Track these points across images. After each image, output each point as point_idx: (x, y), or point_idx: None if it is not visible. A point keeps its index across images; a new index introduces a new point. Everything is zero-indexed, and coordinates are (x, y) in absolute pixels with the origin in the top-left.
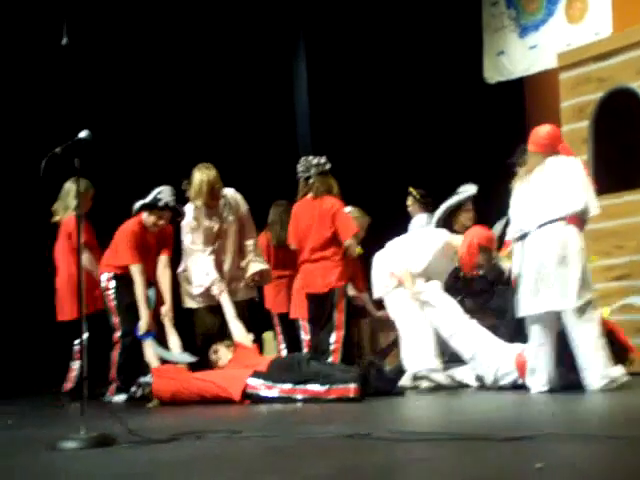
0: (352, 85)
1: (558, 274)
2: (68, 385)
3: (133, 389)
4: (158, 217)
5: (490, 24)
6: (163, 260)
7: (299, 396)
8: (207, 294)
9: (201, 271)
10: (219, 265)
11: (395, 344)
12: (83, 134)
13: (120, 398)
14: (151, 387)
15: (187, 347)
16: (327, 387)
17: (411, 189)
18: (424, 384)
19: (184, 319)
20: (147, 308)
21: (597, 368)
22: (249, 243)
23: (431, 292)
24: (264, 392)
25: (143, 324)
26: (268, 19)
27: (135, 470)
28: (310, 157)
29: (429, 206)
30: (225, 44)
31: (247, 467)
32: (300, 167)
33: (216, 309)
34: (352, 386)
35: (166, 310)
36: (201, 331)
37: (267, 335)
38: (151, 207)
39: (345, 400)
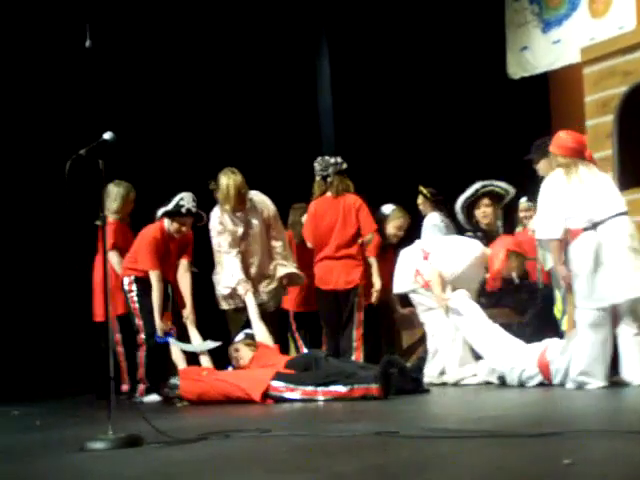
0: (375, 83)
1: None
2: (125, 387)
3: (165, 390)
4: (181, 224)
5: (513, 20)
6: (183, 264)
7: (321, 397)
8: (237, 295)
9: (227, 273)
10: (246, 267)
11: (420, 342)
12: (107, 136)
13: (152, 398)
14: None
15: (223, 350)
16: (349, 387)
17: (421, 188)
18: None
19: (219, 321)
20: (159, 315)
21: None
22: (277, 245)
23: (458, 299)
24: (287, 394)
25: (158, 329)
26: (291, 17)
27: (163, 470)
28: (327, 157)
29: (440, 204)
30: (248, 43)
31: (276, 466)
32: (318, 166)
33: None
34: (374, 386)
35: (187, 313)
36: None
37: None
38: (174, 214)
39: (368, 399)
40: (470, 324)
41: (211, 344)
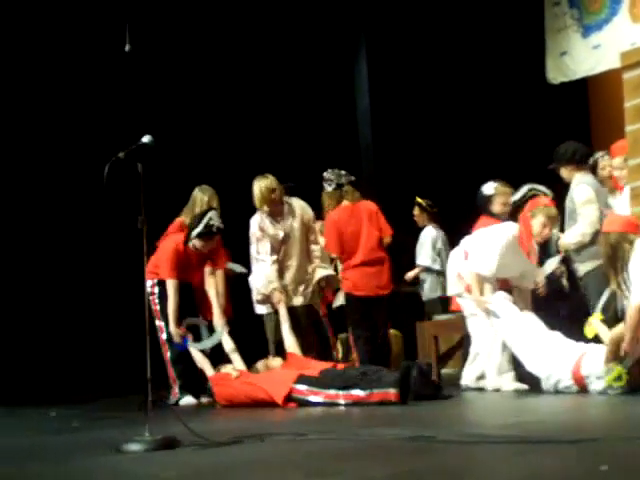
0: (414, 86)
1: None
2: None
3: (204, 399)
4: (211, 242)
5: (553, 25)
6: (207, 271)
7: (342, 401)
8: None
9: (263, 279)
10: (285, 270)
11: (458, 348)
12: (146, 139)
13: (186, 401)
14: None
15: (259, 354)
16: (369, 392)
17: (418, 199)
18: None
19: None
20: (175, 322)
21: None
22: (315, 248)
23: (497, 302)
24: (310, 397)
25: (174, 336)
26: (330, 20)
27: (199, 472)
28: (334, 169)
29: (436, 216)
30: (287, 47)
31: (311, 469)
32: (331, 177)
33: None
34: (392, 391)
35: (216, 318)
36: (274, 338)
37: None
38: (205, 234)
39: (386, 404)
40: (508, 327)
41: (219, 334)
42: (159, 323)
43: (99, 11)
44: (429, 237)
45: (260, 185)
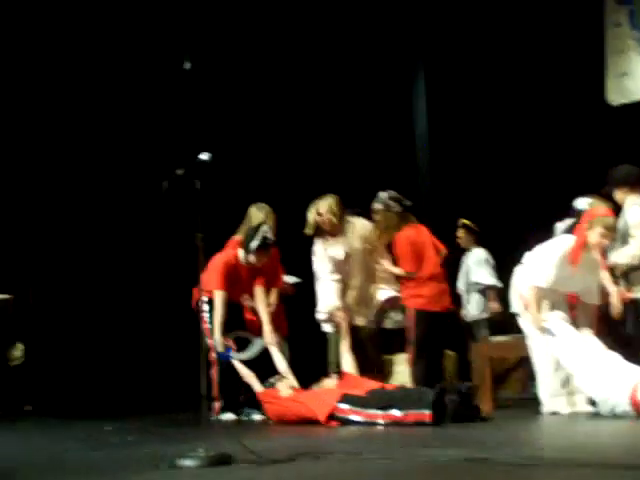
0: (471, 108)
1: None
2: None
3: (257, 416)
4: (265, 255)
5: (614, 46)
6: (258, 291)
7: (381, 421)
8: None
9: (325, 298)
10: (347, 291)
11: (515, 369)
12: (204, 156)
13: (227, 417)
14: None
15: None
16: (405, 412)
17: (465, 221)
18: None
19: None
20: (220, 332)
21: None
22: (379, 268)
23: (553, 320)
24: (351, 416)
25: (218, 344)
26: (388, 43)
27: None
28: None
29: (480, 239)
30: (345, 69)
31: None
32: (399, 197)
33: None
34: (426, 412)
35: (267, 335)
36: (336, 358)
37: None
38: (263, 247)
39: (421, 425)
40: (564, 347)
41: (259, 345)
42: (210, 341)
43: (159, 29)
44: (482, 257)
45: (319, 206)
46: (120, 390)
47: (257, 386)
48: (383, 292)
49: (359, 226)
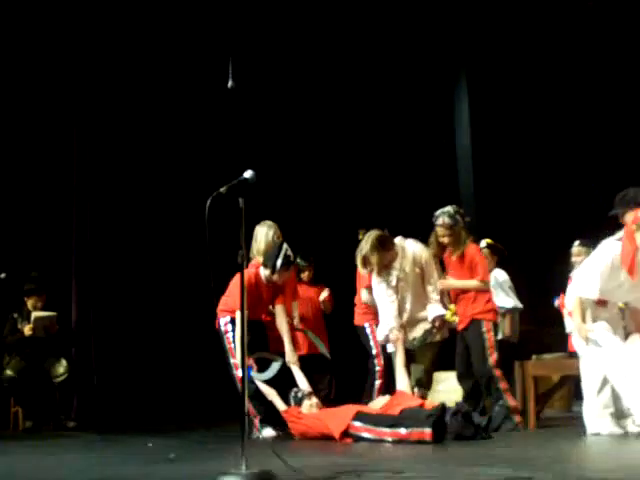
0: (515, 125)
1: None
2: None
3: (268, 434)
4: (288, 272)
5: None
6: (279, 310)
7: (389, 438)
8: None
9: (383, 320)
10: (400, 313)
11: (558, 388)
12: (248, 174)
13: (267, 433)
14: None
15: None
16: (410, 430)
17: (488, 240)
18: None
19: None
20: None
21: None
22: (429, 289)
23: (598, 331)
24: (363, 434)
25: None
26: (430, 57)
27: None
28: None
29: (504, 259)
30: (387, 84)
31: None
32: (459, 214)
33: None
34: (427, 430)
35: (289, 355)
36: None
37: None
38: (286, 265)
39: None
40: (609, 359)
41: (277, 365)
42: (234, 361)
43: (202, 47)
44: (500, 280)
45: (365, 254)
46: (162, 406)
47: (280, 404)
48: (433, 310)
49: (409, 249)
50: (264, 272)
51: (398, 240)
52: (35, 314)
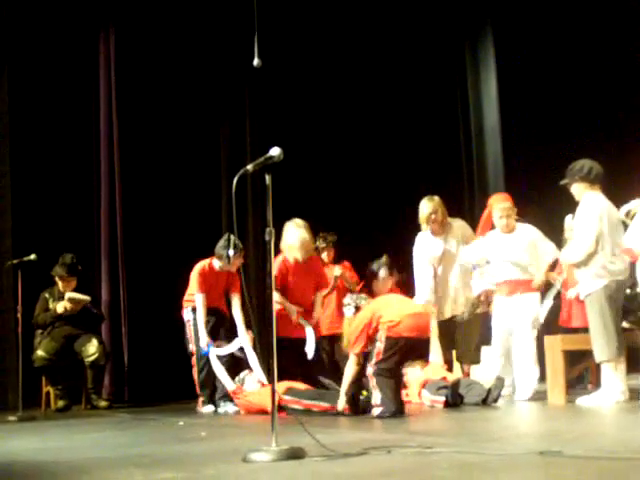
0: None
1: None
2: None
3: (231, 410)
4: (240, 257)
5: None
6: (235, 300)
7: (316, 410)
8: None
9: (420, 292)
10: (443, 285)
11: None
12: (274, 152)
13: (207, 409)
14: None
15: None
16: (331, 404)
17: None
18: None
19: None
20: (206, 330)
21: None
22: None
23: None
24: (294, 406)
25: (202, 342)
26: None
27: None
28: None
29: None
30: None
31: None
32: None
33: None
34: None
35: (241, 336)
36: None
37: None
38: (237, 252)
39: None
40: None
41: (237, 343)
42: (192, 348)
43: (228, 25)
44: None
45: (423, 206)
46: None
47: (228, 383)
48: (478, 284)
49: (456, 226)
50: (218, 263)
51: (448, 219)
52: (69, 294)
